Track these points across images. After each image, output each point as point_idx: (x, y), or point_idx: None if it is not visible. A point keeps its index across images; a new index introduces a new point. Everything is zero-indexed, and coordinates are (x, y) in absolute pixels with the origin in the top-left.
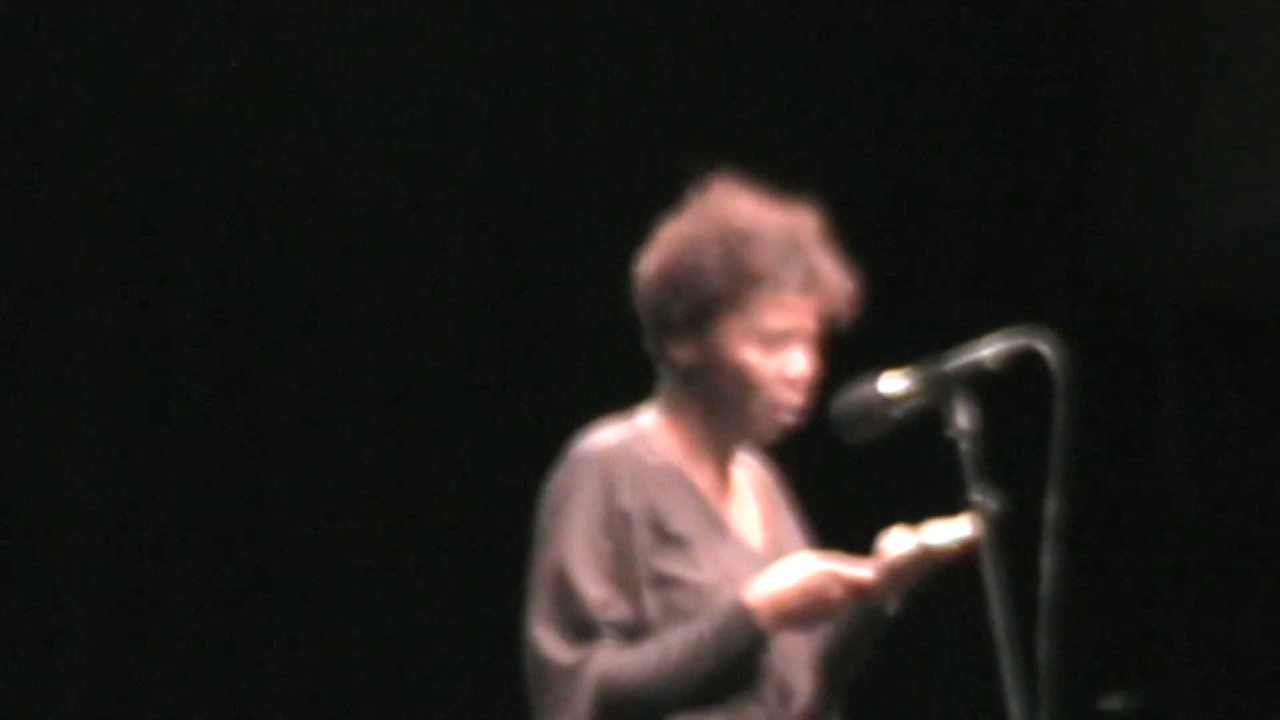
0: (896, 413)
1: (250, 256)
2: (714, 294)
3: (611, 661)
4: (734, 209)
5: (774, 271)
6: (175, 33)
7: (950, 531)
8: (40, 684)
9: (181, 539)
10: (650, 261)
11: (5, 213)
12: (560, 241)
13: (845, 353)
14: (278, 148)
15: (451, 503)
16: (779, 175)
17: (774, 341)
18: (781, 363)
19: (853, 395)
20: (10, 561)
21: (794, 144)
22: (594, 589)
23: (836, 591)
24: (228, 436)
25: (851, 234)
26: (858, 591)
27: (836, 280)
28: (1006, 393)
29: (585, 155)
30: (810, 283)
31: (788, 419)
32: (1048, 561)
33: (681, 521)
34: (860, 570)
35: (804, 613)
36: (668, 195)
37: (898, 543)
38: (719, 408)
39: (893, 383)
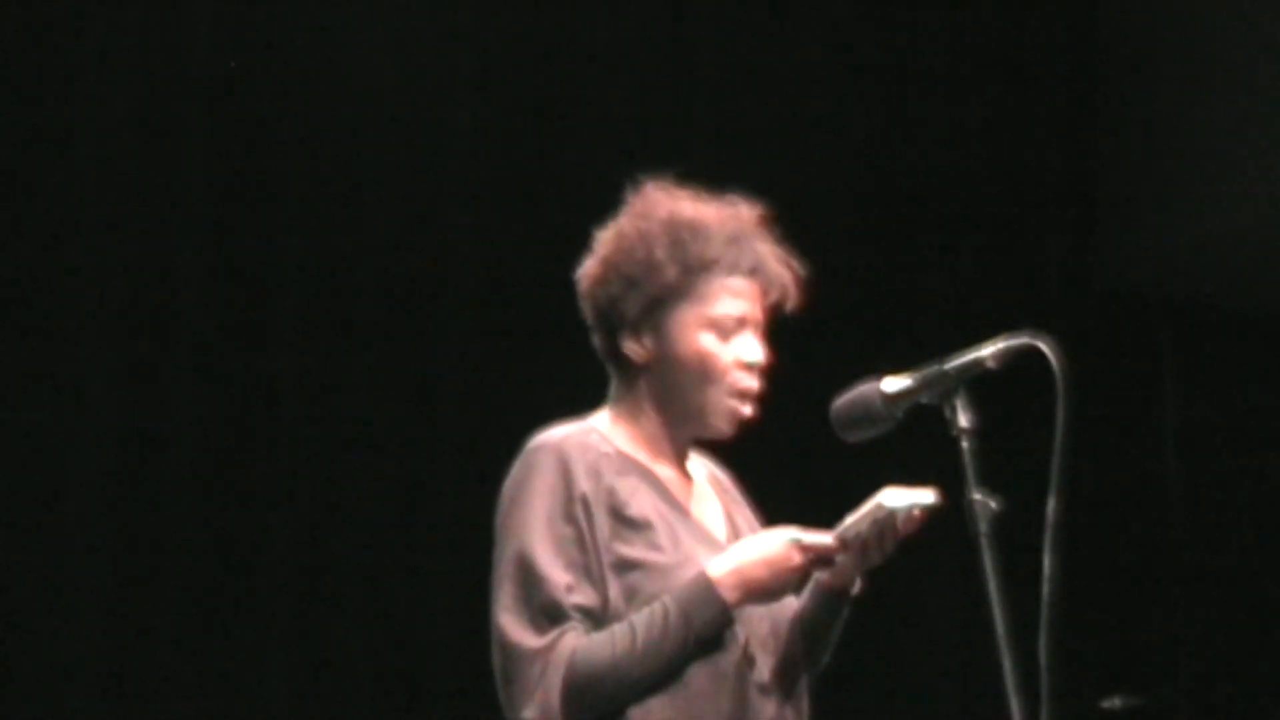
0: (897, 412)
1: (249, 256)
2: (667, 285)
3: (580, 644)
4: (675, 204)
5: (724, 259)
6: (175, 33)
7: (910, 496)
8: (40, 684)
9: (181, 540)
10: (596, 262)
11: (4, 212)
12: (559, 239)
13: (846, 353)
14: (277, 147)
15: (452, 502)
16: (780, 181)
17: (728, 328)
18: (737, 349)
19: (853, 395)
20: (10, 562)
21: (796, 148)
22: (558, 574)
23: (797, 558)
24: (227, 436)
25: (853, 237)
26: (818, 556)
27: (782, 267)
28: (1006, 393)
29: (585, 154)
30: (757, 269)
31: (746, 407)
32: (1048, 561)
33: (641, 506)
34: (819, 536)
35: (767, 582)
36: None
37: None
38: (677, 401)
39: (894, 383)
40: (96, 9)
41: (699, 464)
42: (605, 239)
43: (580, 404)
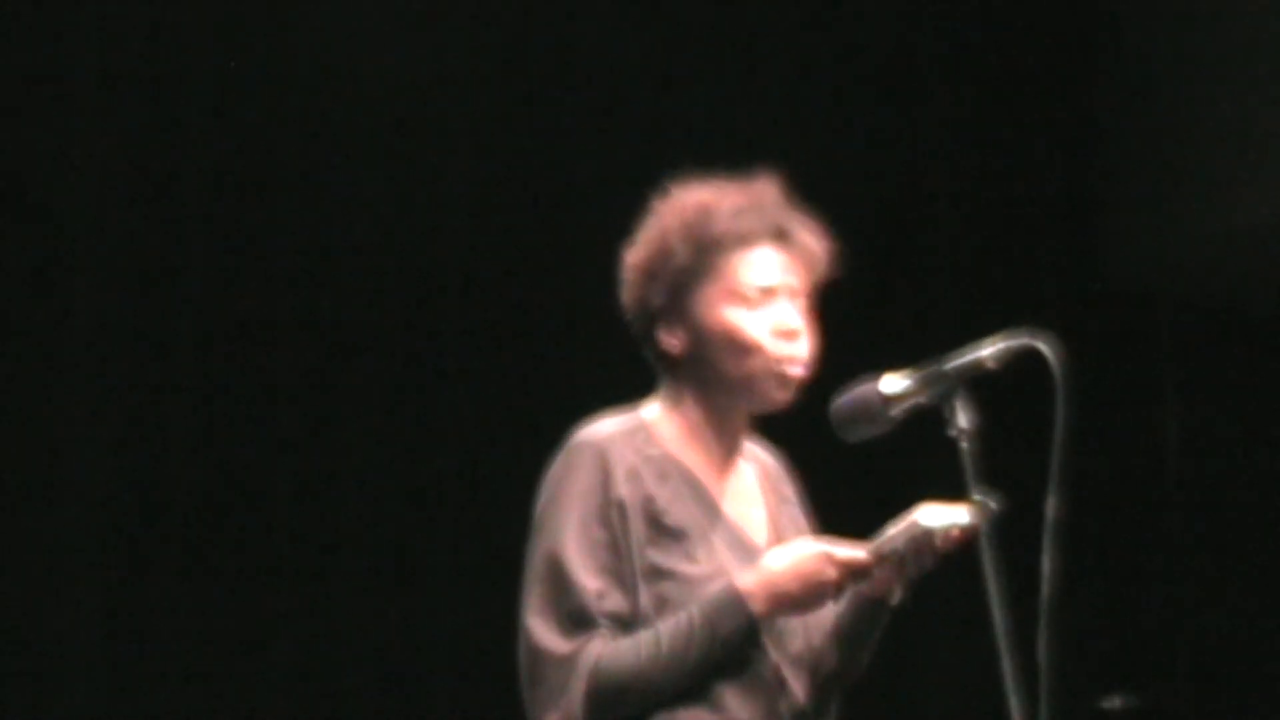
0: (896, 412)
1: (249, 254)
2: (683, 268)
3: (605, 650)
4: (691, 195)
5: (732, 230)
6: (175, 32)
7: (947, 515)
8: (39, 681)
9: (179, 539)
10: (624, 269)
11: (3, 213)
12: (562, 237)
13: (845, 353)
14: (277, 148)
15: (455, 497)
16: (780, 178)
17: (753, 298)
18: (769, 316)
19: (853, 395)
20: (10, 557)
21: (795, 145)
22: (589, 579)
23: (830, 573)
24: (226, 436)
25: (853, 235)
26: (852, 572)
27: (807, 235)
28: (1006, 393)
29: (584, 153)
30: (779, 237)
31: (791, 371)
32: (1048, 561)
33: (679, 514)
34: (854, 551)
35: (798, 596)
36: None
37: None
38: (720, 382)
39: (893, 383)
40: (97, 9)
41: (752, 458)
42: (632, 246)
43: (580, 404)
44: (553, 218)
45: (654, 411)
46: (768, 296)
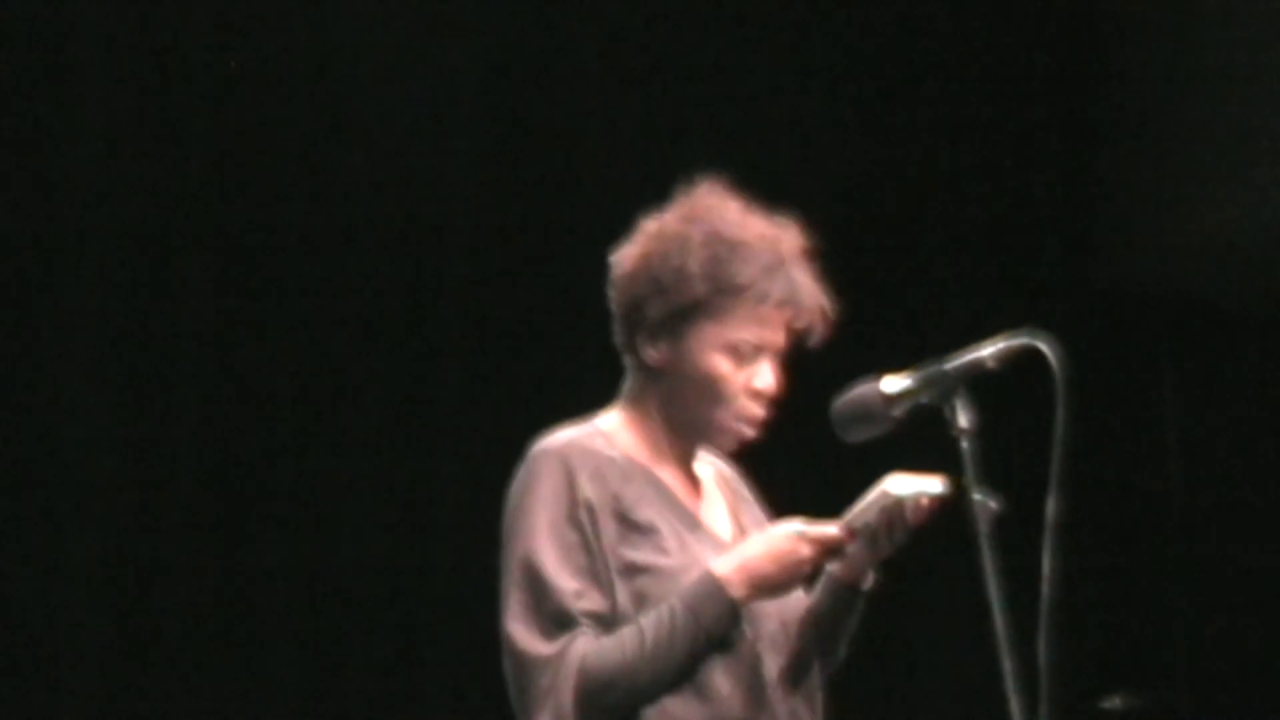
0: (897, 412)
1: (249, 256)
2: (694, 299)
3: (590, 648)
4: (722, 214)
5: (757, 286)
6: (175, 33)
7: (916, 484)
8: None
9: (180, 551)
10: (631, 255)
11: (2, 216)
12: (556, 240)
13: (846, 352)
14: (277, 149)
15: (456, 499)
16: (780, 180)
17: (745, 354)
18: (749, 375)
19: (853, 395)
20: (11, 559)
21: (795, 148)
22: (565, 580)
23: (804, 551)
24: (225, 436)
25: (852, 237)
26: (825, 548)
27: (814, 298)
28: (1006, 393)
29: (584, 154)
30: (788, 299)
31: (748, 432)
32: (1048, 561)
33: (647, 510)
34: (826, 527)
35: (775, 577)
36: (668, 195)
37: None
38: (682, 413)
39: (894, 383)
40: (97, 9)
41: (706, 462)
42: (646, 233)
43: (580, 407)
44: (550, 220)
45: (611, 420)
46: (756, 354)
